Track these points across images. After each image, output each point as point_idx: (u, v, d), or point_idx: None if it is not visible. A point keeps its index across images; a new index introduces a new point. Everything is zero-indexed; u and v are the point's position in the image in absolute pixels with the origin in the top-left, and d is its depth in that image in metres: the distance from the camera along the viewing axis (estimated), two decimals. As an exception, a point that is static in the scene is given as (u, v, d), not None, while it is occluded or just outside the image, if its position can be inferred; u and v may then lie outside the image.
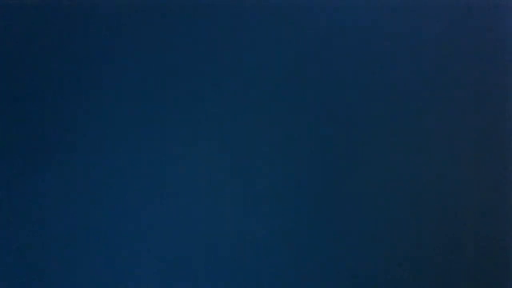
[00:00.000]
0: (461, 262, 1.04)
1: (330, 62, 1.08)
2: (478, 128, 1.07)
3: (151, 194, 1.06)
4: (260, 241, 1.05)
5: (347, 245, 1.05)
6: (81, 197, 1.06)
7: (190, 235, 1.05)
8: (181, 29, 1.09)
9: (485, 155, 1.06)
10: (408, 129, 1.07)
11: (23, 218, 1.06)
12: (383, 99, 1.07)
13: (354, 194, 1.06)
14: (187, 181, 1.06)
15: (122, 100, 1.08)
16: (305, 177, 1.06)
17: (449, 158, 1.06)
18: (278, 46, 1.08)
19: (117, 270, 1.05)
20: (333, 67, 1.08)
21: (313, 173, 1.06)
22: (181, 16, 1.09)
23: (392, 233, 1.05)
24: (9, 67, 1.08)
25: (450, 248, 1.05)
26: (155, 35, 1.09)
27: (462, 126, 1.07)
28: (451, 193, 1.06)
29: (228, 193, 1.06)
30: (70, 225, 1.05)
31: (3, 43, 1.08)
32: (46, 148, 1.07)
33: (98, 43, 1.09)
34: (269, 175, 1.06)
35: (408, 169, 1.06)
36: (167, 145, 1.07)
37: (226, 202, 1.06)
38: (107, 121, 1.07)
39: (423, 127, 1.07)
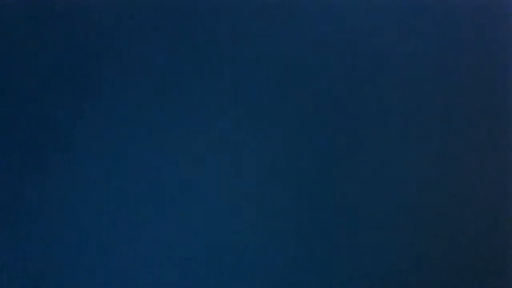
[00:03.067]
0: (461, 262, 1.05)
1: (330, 62, 1.08)
2: (478, 128, 1.07)
3: (151, 195, 1.06)
4: (260, 241, 1.05)
5: (347, 246, 1.05)
6: (82, 197, 1.06)
7: (190, 236, 1.05)
8: (180, 29, 1.09)
9: (485, 155, 1.06)
10: (408, 129, 1.07)
11: (23, 218, 1.06)
12: (384, 99, 1.07)
13: (354, 195, 1.06)
14: (187, 182, 1.06)
15: (122, 101, 1.08)
16: (305, 176, 1.06)
17: (449, 158, 1.06)
18: (279, 46, 1.08)
19: (117, 270, 1.05)
20: (333, 67, 1.08)
21: (314, 173, 1.06)
22: (181, 16, 1.09)
23: (391, 232, 1.05)
24: (9, 67, 1.08)
25: (450, 248, 1.05)
26: (155, 35, 1.09)
27: (463, 126, 1.07)
28: (451, 193, 1.06)
29: (227, 194, 1.06)
30: (71, 225, 1.05)
31: (3, 43, 1.09)
32: (46, 149, 1.07)
33: (98, 43, 1.09)
34: (269, 176, 1.06)
35: (408, 168, 1.06)
36: (167, 146, 1.07)
37: (225, 203, 1.06)
38: (108, 122, 1.07)
39: (423, 127, 1.07)
